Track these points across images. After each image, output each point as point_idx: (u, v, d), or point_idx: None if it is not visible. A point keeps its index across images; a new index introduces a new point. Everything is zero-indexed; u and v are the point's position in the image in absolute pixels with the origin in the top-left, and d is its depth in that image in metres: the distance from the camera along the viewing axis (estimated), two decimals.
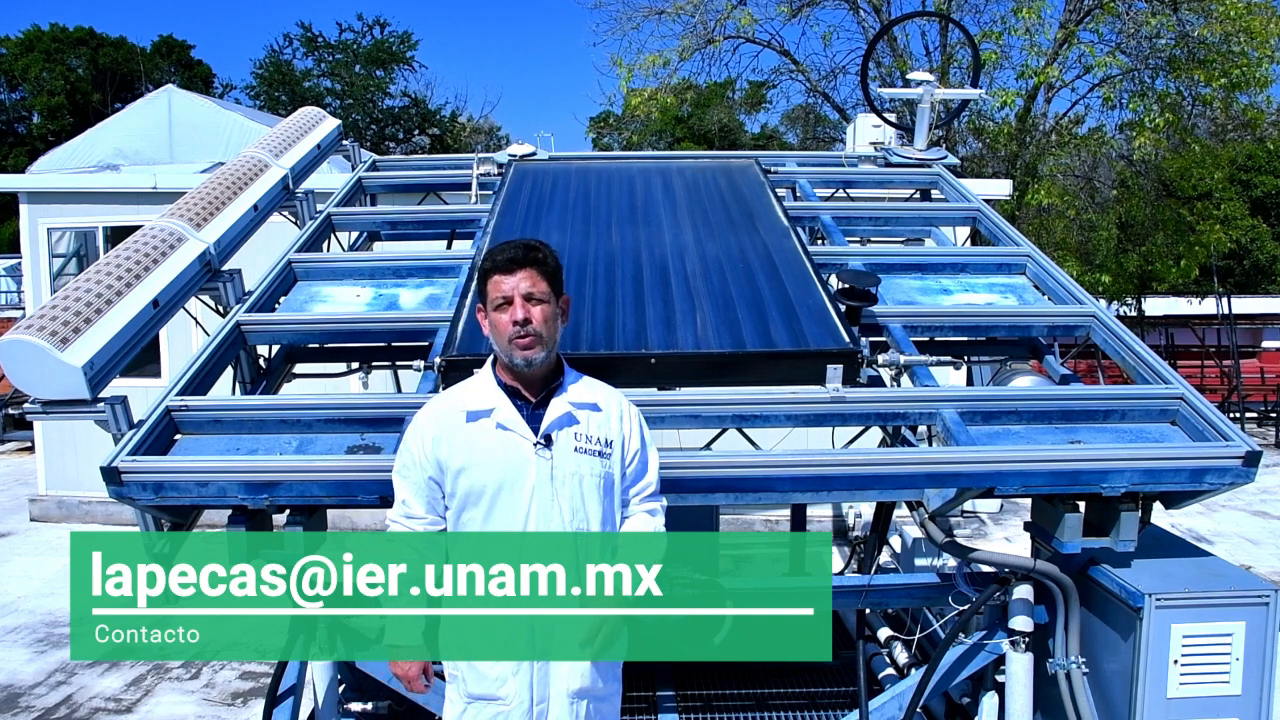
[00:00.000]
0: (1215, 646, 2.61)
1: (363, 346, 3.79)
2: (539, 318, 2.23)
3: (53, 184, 9.60)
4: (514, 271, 2.24)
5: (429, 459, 2.25)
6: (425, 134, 28.90)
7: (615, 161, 5.01)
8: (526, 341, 2.22)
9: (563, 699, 2.22)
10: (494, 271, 2.26)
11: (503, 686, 2.21)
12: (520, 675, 2.21)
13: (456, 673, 2.28)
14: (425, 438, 2.26)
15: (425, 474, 2.26)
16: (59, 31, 31.82)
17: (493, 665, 2.21)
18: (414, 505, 2.27)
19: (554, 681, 2.22)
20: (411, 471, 2.27)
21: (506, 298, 2.23)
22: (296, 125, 4.59)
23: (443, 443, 2.24)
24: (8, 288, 21.17)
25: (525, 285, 2.24)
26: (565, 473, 2.22)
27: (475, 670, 2.24)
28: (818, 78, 15.37)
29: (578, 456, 2.24)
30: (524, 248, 2.28)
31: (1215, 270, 16.84)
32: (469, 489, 2.22)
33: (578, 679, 2.24)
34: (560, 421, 2.25)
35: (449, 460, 2.23)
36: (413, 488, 2.27)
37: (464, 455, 2.23)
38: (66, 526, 8.78)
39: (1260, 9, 12.42)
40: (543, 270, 2.27)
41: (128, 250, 3.12)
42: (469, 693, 2.25)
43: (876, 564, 3.53)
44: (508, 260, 2.25)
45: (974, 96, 5.62)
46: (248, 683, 5.28)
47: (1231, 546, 8.11)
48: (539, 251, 2.29)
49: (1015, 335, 3.44)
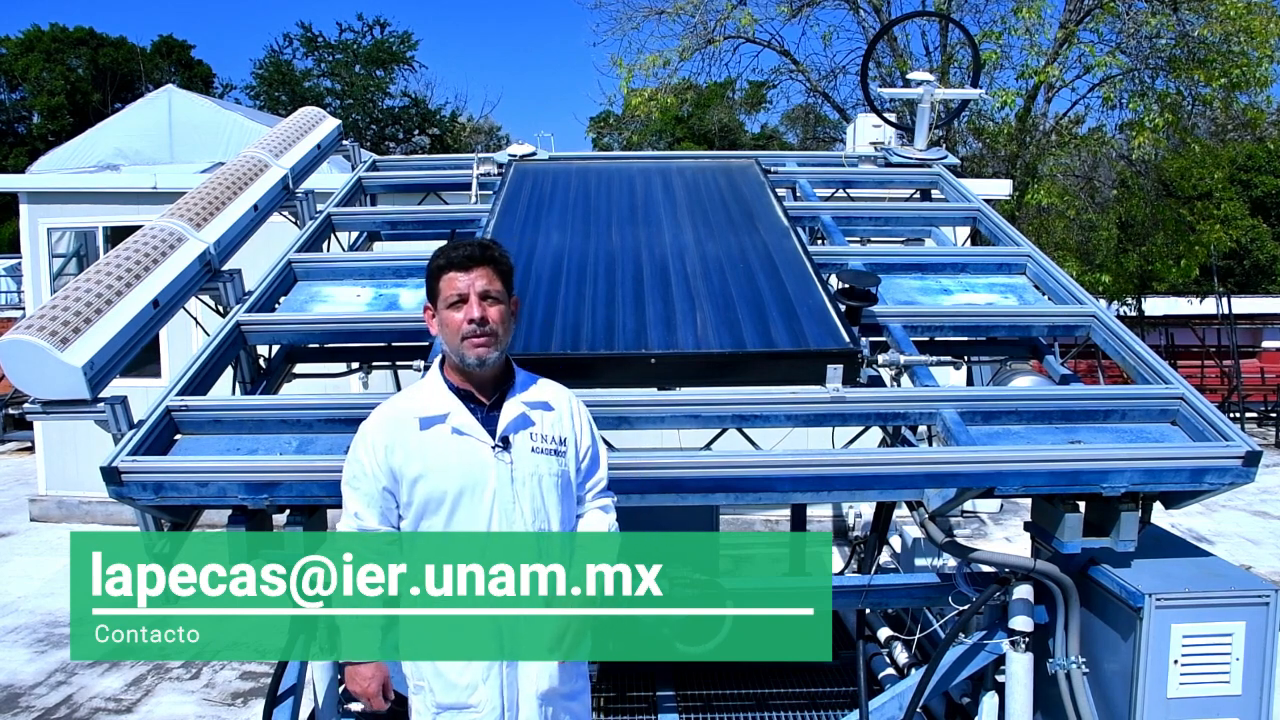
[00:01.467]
0: (1215, 646, 2.61)
1: (363, 346, 3.79)
2: (495, 316, 2.20)
3: (53, 184, 9.59)
4: (470, 269, 2.20)
5: (381, 468, 2.19)
6: (425, 134, 28.91)
7: (615, 161, 5.01)
8: (482, 340, 2.18)
9: (532, 701, 2.20)
10: (449, 268, 2.21)
11: (474, 694, 2.17)
12: (490, 681, 2.17)
13: (423, 683, 2.23)
14: (377, 446, 2.20)
15: (378, 484, 2.20)
16: (59, 31, 31.81)
17: (462, 673, 2.17)
18: (367, 517, 2.21)
19: (523, 684, 2.20)
20: (363, 482, 2.21)
21: (462, 295, 2.19)
22: (296, 125, 4.59)
23: (396, 451, 2.18)
24: (8, 288, 21.16)
25: (482, 283, 2.20)
26: (525, 474, 2.20)
27: (444, 679, 2.19)
28: (818, 78, 15.38)
29: (536, 457, 2.22)
30: (480, 245, 2.24)
31: (1215, 270, 16.83)
32: (428, 496, 2.18)
33: (546, 680, 2.22)
34: (516, 423, 2.22)
35: (404, 469, 2.18)
36: (364, 499, 2.21)
37: (420, 463, 2.17)
38: (66, 526, 8.78)
39: (1260, 9, 12.42)
40: (499, 269, 2.24)
41: (128, 250, 3.12)
42: (438, 703, 2.20)
43: (876, 564, 3.54)
44: (464, 257, 2.21)
45: (974, 96, 5.63)
46: (248, 683, 5.28)
47: (1231, 546, 8.11)
48: (494, 250, 2.26)
49: (1015, 335, 3.44)
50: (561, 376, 2.82)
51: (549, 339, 2.88)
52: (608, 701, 3.78)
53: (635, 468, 2.61)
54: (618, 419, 2.77)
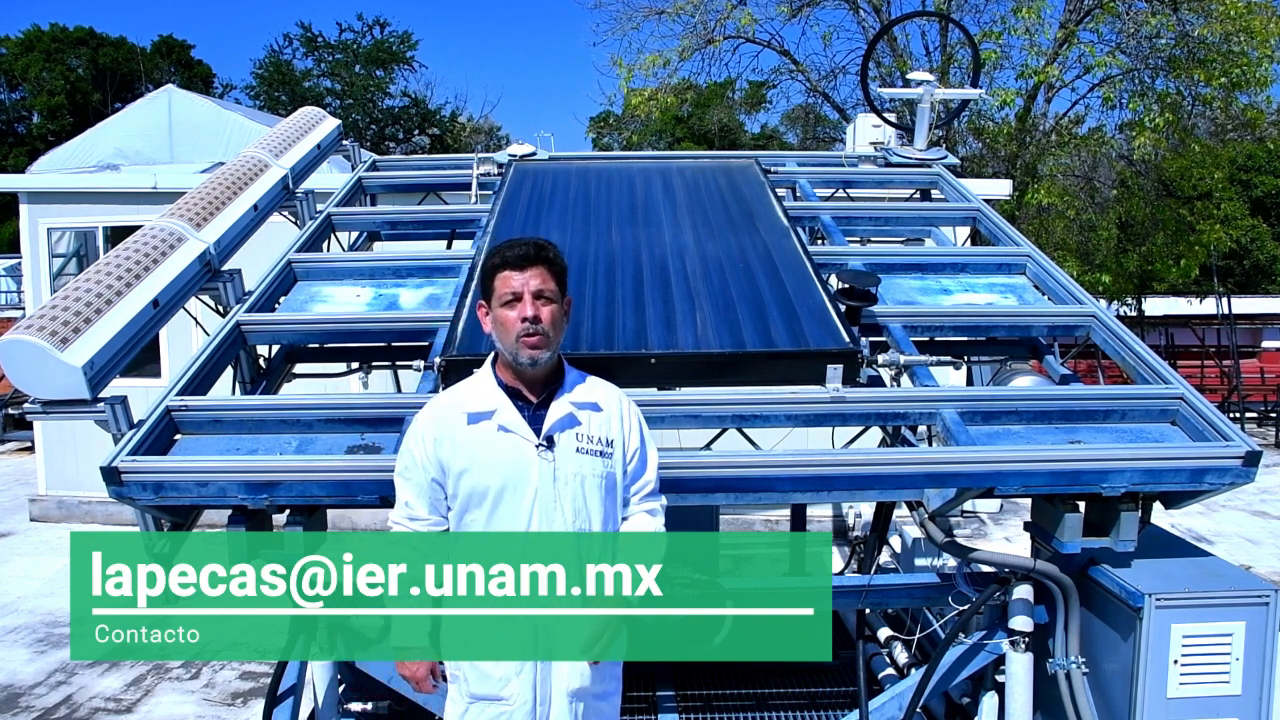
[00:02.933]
0: (1215, 646, 2.61)
1: (363, 346, 3.79)
2: (548, 317, 2.22)
3: (53, 184, 9.59)
4: (525, 268, 2.23)
5: (431, 461, 2.24)
6: (425, 134, 28.91)
7: (615, 161, 5.01)
8: (535, 340, 2.20)
9: (563, 699, 2.23)
10: (504, 267, 2.24)
11: (506, 687, 2.21)
12: (524, 675, 2.21)
13: (459, 673, 2.27)
14: (426, 439, 2.25)
15: (428, 476, 2.25)
16: (59, 31, 31.82)
17: (496, 666, 2.21)
18: (417, 507, 2.27)
19: (555, 681, 2.23)
20: (414, 473, 2.26)
21: (516, 294, 2.21)
22: (296, 125, 4.59)
23: (444, 444, 2.23)
24: (8, 288, 21.16)
25: (536, 283, 2.22)
26: (568, 473, 2.22)
27: (478, 670, 2.23)
28: (818, 78, 15.38)
29: (580, 457, 2.24)
30: (535, 245, 2.26)
31: (1215, 270, 16.84)
32: (471, 490, 2.22)
33: (578, 679, 2.24)
34: (562, 423, 2.25)
35: (451, 462, 2.23)
36: (415, 489, 2.27)
37: (466, 457, 2.22)
38: (66, 526, 8.78)
39: (1260, 9, 12.41)
40: (553, 269, 2.26)
41: (128, 250, 3.12)
42: (471, 693, 2.24)
43: (876, 564, 3.53)
44: (519, 256, 2.23)
45: (974, 96, 5.62)
46: (248, 683, 5.28)
47: (1231, 546, 8.11)
48: (549, 250, 2.28)
49: (1015, 335, 3.44)
50: None
51: None
52: None
53: None
54: None
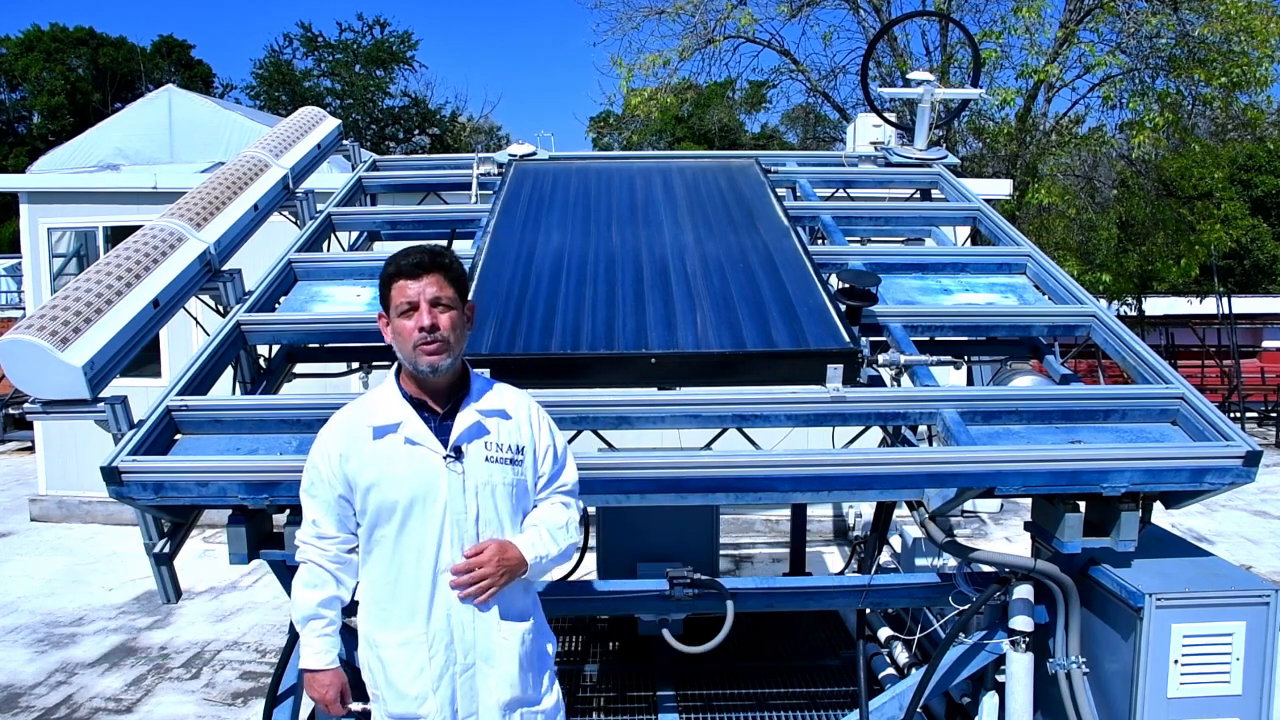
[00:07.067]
0: (1215, 646, 2.61)
1: (363, 346, 3.79)
2: (447, 324, 2.16)
3: (53, 184, 9.58)
4: (420, 276, 2.17)
5: (337, 476, 2.19)
6: (425, 134, 28.89)
7: (615, 161, 5.01)
8: (434, 348, 2.14)
9: (494, 712, 2.19)
10: (399, 276, 2.18)
11: (423, 705, 2.16)
12: (440, 692, 2.16)
13: (377, 692, 2.23)
14: (332, 455, 2.19)
15: (335, 492, 2.19)
16: (59, 31, 31.81)
17: (412, 683, 2.16)
18: (325, 525, 2.21)
19: (482, 695, 2.18)
20: (320, 490, 2.21)
21: (412, 303, 2.15)
22: (296, 125, 4.59)
23: (350, 459, 2.18)
24: (8, 288, 21.15)
25: (432, 290, 2.16)
26: (478, 483, 2.17)
27: (394, 689, 2.18)
28: (818, 78, 15.37)
29: (490, 466, 2.19)
30: (430, 253, 2.21)
31: (1215, 270, 16.83)
32: (380, 506, 2.17)
33: (507, 689, 2.19)
34: (470, 432, 2.19)
35: (358, 477, 2.17)
36: (322, 506, 2.21)
37: (373, 472, 2.16)
38: (66, 526, 8.78)
39: (1260, 8, 12.41)
40: (449, 275, 2.20)
41: (128, 250, 3.12)
42: (389, 713, 2.20)
43: (876, 564, 3.53)
44: (414, 265, 2.17)
45: (974, 96, 5.62)
46: (248, 683, 5.28)
47: (1232, 546, 8.11)
48: (445, 256, 2.22)
49: (1015, 335, 3.44)
50: (561, 376, 2.83)
51: (549, 339, 2.88)
52: (608, 701, 3.79)
53: (635, 468, 2.60)
54: (618, 419, 2.77)
